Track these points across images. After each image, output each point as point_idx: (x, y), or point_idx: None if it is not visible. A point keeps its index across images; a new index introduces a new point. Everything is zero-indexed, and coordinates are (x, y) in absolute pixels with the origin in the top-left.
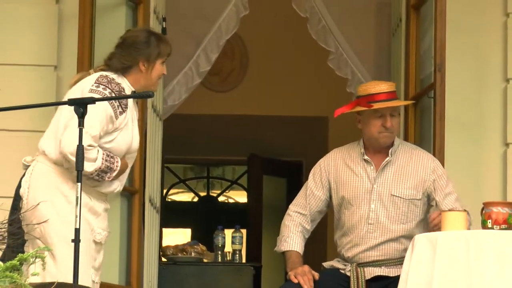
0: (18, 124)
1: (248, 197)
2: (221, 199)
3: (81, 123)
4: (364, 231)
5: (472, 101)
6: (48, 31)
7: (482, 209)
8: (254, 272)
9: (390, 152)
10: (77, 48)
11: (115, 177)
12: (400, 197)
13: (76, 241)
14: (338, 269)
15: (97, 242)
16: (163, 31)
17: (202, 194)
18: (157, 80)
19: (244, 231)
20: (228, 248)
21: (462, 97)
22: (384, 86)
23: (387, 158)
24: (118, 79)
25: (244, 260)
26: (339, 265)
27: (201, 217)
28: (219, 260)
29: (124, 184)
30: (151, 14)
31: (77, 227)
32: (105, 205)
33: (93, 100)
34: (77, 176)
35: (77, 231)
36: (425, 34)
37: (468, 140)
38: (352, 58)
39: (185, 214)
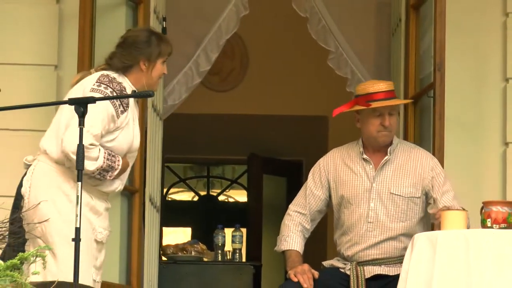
0: (18, 124)
1: (248, 196)
2: (221, 198)
3: (82, 123)
4: (364, 229)
5: (472, 101)
6: (49, 31)
7: (482, 208)
8: (254, 271)
9: (389, 150)
10: (77, 47)
11: (117, 176)
12: (399, 195)
13: (77, 240)
14: (338, 268)
15: (99, 241)
16: (163, 31)
17: (202, 193)
18: (157, 80)
19: (244, 230)
20: (228, 247)
21: (461, 96)
22: (382, 85)
23: (386, 157)
24: (119, 78)
25: (244, 259)
26: (339, 264)
27: (201, 216)
28: (219, 259)
29: (124, 184)
30: (151, 14)
31: (77, 226)
32: (106, 204)
33: (93, 100)
34: (78, 175)
35: (77, 230)
36: (424, 34)
37: (468, 140)
38: (352, 57)
39: (185, 213)
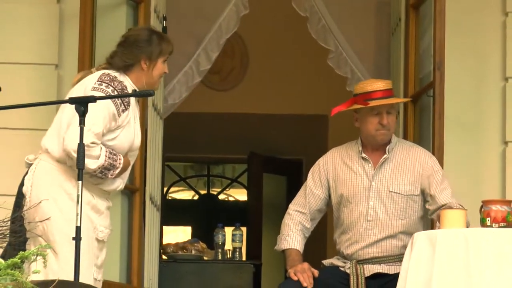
0: (19, 123)
1: (248, 195)
2: (221, 197)
3: (82, 122)
4: (363, 228)
5: (471, 100)
6: (49, 30)
7: (481, 207)
8: (254, 269)
9: (387, 149)
10: (78, 47)
11: (118, 174)
12: (398, 193)
13: (77, 239)
14: (337, 267)
15: (100, 240)
16: (164, 30)
17: (202, 192)
18: (158, 79)
19: (244, 229)
20: (228, 246)
21: (461, 95)
22: (380, 84)
23: (385, 156)
24: (120, 77)
25: (244, 258)
26: (338, 263)
27: (201, 215)
28: (219, 258)
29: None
30: (151, 13)
31: (78, 225)
32: (108, 203)
33: (94, 99)
34: (78, 174)
35: (78, 229)
36: (424, 33)
37: (467, 139)
38: (351, 57)
39: (186, 212)
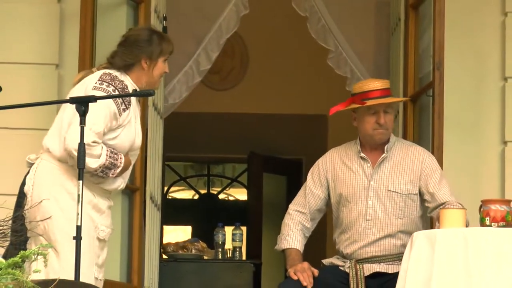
0: (20, 122)
1: (248, 195)
2: (221, 196)
3: (83, 121)
4: (362, 227)
5: (471, 100)
6: (50, 30)
7: (480, 206)
8: (254, 269)
9: (386, 148)
10: (78, 46)
11: (119, 174)
12: (397, 192)
13: (78, 238)
14: (337, 266)
15: (101, 239)
16: (164, 30)
17: (202, 191)
18: (159, 78)
19: (244, 229)
20: (228, 245)
21: (460, 95)
22: (377, 84)
23: (383, 155)
24: (121, 76)
25: (244, 257)
26: (338, 262)
27: (201, 214)
28: (219, 257)
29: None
30: (152, 13)
31: (78, 224)
32: (109, 202)
33: (94, 98)
34: (78, 174)
35: (78, 228)
36: (423, 33)
37: (467, 138)
38: (351, 57)
39: (186, 212)
